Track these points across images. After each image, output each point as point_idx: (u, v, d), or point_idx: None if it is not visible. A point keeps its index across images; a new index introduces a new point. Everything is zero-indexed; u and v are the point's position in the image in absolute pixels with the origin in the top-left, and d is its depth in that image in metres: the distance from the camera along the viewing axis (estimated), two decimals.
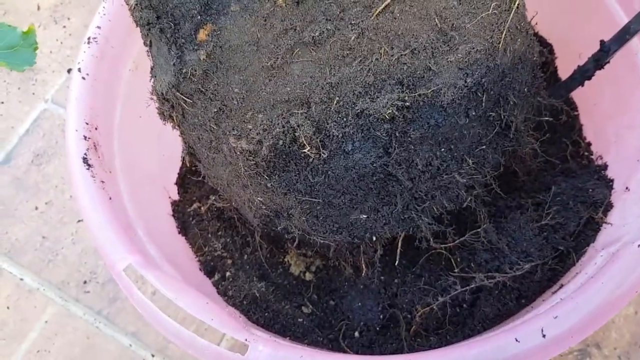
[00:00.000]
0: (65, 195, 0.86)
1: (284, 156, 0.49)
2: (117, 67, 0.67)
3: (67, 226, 0.84)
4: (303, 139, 0.47)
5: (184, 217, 0.72)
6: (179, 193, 0.75)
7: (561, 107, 0.64)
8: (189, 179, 0.76)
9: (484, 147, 0.53)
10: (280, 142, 0.48)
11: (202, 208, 0.70)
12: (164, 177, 0.74)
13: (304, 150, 0.48)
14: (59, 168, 0.89)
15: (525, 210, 0.61)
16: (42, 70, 0.99)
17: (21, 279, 0.81)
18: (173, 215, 0.72)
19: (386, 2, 0.47)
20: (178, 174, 0.77)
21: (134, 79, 0.69)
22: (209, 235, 0.69)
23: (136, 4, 0.47)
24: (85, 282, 0.80)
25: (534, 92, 0.57)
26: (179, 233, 0.71)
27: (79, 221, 0.84)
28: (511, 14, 0.47)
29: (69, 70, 0.97)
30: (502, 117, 0.52)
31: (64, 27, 1.02)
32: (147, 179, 0.69)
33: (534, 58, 0.54)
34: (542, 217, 0.60)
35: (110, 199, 0.57)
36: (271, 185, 0.51)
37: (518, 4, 0.48)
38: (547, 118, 0.60)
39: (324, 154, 0.48)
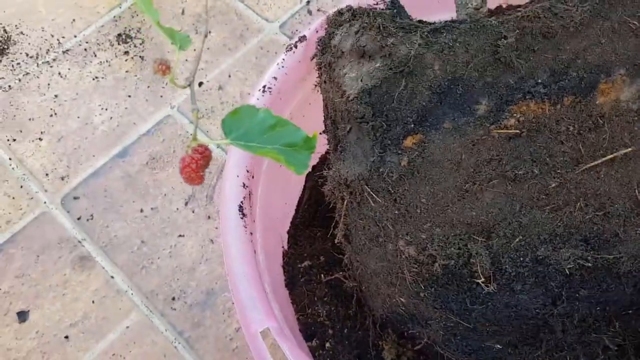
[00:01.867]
0: (172, 206, 0.88)
1: (450, 275, 0.50)
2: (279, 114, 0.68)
3: (168, 237, 0.86)
4: (478, 267, 0.48)
5: (294, 272, 0.73)
6: (289, 243, 0.76)
7: None
8: (302, 231, 0.77)
9: (630, 312, 0.53)
10: (452, 263, 0.49)
11: (317, 274, 0.71)
12: (281, 226, 0.76)
13: (474, 279, 0.48)
14: (171, 177, 0.91)
15: None
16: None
17: (112, 277, 0.83)
18: (283, 267, 0.73)
19: (595, 163, 0.48)
20: (291, 223, 0.78)
21: None
22: (315, 299, 0.70)
23: (356, 97, 0.49)
24: (173, 298, 0.81)
25: None
26: (286, 286, 0.72)
27: (180, 235, 0.86)
28: None
29: (200, 84, 1.00)
30: None
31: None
32: (272, 228, 0.70)
33: None
34: None
35: (255, 252, 0.58)
36: (424, 295, 0.52)
37: None
38: None
39: (492, 287, 0.49)
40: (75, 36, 1.05)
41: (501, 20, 0.47)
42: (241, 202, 0.59)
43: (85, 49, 1.05)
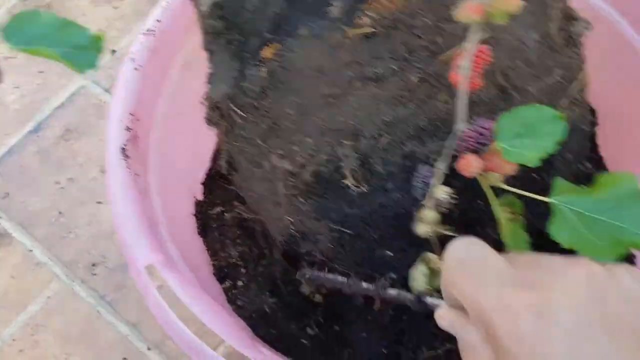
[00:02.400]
0: (88, 174, 0.87)
1: (324, 183, 0.49)
2: (169, 61, 0.67)
3: (86, 206, 0.84)
4: (347, 170, 0.47)
5: (206, 219, 0.72)
6: (204, 193, 0.75)
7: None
8: (217, 180, 0.76)
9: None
10: (323, 169, 0.48)
11: (225, 214, 0.70)
12: (191, 176, 0.75)
13: (345, 182, 0.48)
14: (86, 146, 0.89)
15: None
16: None
17: (30, 251, 0.81)
18: (195, 215, 0.72)
19: (454, 53, 0.47)
20: (206, 174, 0.77)
21: (183, 76, 0.69)
22: (227, 241, 0.70)
23: (208, 12, 0.48)
24: (94, 264, 0.80)
25: (577, 160, 0.57)
26: (199, 234, 0.71)
27: (97, 202, 0.84)
28: (573, 83, 0.48)
29: (113, 51, 0.98)
30: (543, 177, 0.53)
31: (115, 8, 1.03)
32: (176, 176, 0.69)
33: (585, 127, 0.54)
34: None
35: (140, 193, 0.57)
36: (305, 209, 0.51)
37: (582, 75, 0.48)
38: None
39: (364, 188, 0.48)
40: None
41: None
42: (124, 144, 0.58)
43: None
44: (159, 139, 0.66)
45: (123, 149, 0.58)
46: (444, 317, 0.40)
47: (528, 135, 0.38)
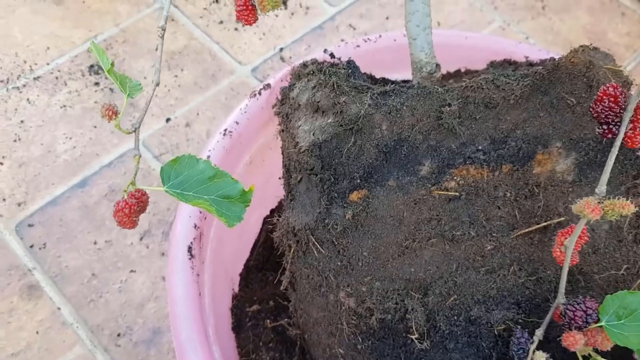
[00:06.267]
0: (126, 240, 0.88)
1: (387, 329, 0.51)
2: (238, 159, 0.70)
3: (119, 272, 0.85)
4: (413, 323, 0.49)
5: (241, 316, 0.73)
6: (240, 286, 0.77)
7: None
8: (254, 274, 0.78)
9: None
10: (389, 317, 0.50)
11: (264, 319, 0.71)
12: (233, 267, 0.76)
13: (409, 335, 0.50)
14: None
15: None
16: (142, 109, 1.03)
17: (58, 308, 0.82)
18: (231, 310, 0.73)
19: (529, 229, 0.50)
20: (244, 265, 0.79)
21: (246, 172, 0.72)
22: (261, 344, 0.70)
23: (307, 149, 0.50)
24: (119, 334, 0.80)
25: None
26: (232, 330, 0.72)
27: (131, 271, 0.85)
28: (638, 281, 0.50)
29: (167, 120, 1.01)
30: None
31: (176, 76, 1.07)
32: (223, 270, 0.71)
33: None
34: None
35: (199, 294, 0.58)
36: (361, 347, 0.53)
37: None
38: None
39: (426, 343, 0.50)
40: (47, 64, 1.06)
41: (446, 89, 0.50)
42: (191, 242, 0.60)
43: (57, 77, 1.05)
44: (214, 235, 0.68)
45: (190, 247, 0.59)
46: None
47: (630, 319, 0.41)
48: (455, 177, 0.50)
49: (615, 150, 0.42)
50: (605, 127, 0.42)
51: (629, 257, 0.50)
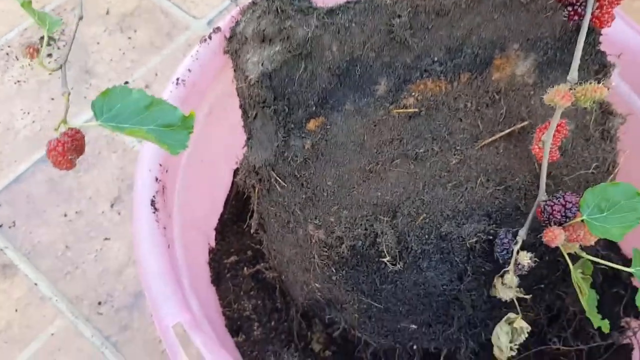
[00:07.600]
0: (97, 208, 0.86)
1: (359, 257, 0.50)
2: (196, 110, 0.67)
3: (93, 241, 0.83)
4: (384, 247, 0.48)
5: (219, 268, 0.72)
6: (216, 239, 0.75)
7: None
8: (230, 227, 0.76)
9: (542, 286, 0.54)
10: (360, 244, 0.49)
11: (240, 264, 0.70)
12: (207, 223, 0.74)
13: (382, 259, 0.48)
14: (96, 179, 0.88)
15: None
16: (98, 76, 1.00)
17: (35, 284, 0.80)
18: (209, 264, 0.72)
19: (494, 138, 0.48)
20: (219, 219, 0.77)
21: (206, 124, 0.69)
22: (241, 293, 0.69)
23: (257, 81, 0.48)
24: (99, 303, 0.79)
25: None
26: (212, 283, 0.71)
27: (105, 239, 0.83)
28: (610, 177, 0.49)
29: (125, 83, 0.98)
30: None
31: (129, 38, 1.03)
32: (194, 224, 0.69)
33: None
34: None
35: (168, 246, 0.57)
36: (336, 278, 0.52)
37: (617, 169, 0.49)
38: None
39: (399, 265, 0.49)
40: None
41: (395, 0, 0.47)
42: (153, 196, 0.58)
43: (7, 53, 1.01)
44: (180, 188, 0.66)
45: (152, 201, 0.57)
46: None
47: (612, 211, 0.40)
48: (413, 93, 0.48)
49: (584, 32, 0.40)
50: (570, 8, 0.40)
51: (598, 155, 0.49)
